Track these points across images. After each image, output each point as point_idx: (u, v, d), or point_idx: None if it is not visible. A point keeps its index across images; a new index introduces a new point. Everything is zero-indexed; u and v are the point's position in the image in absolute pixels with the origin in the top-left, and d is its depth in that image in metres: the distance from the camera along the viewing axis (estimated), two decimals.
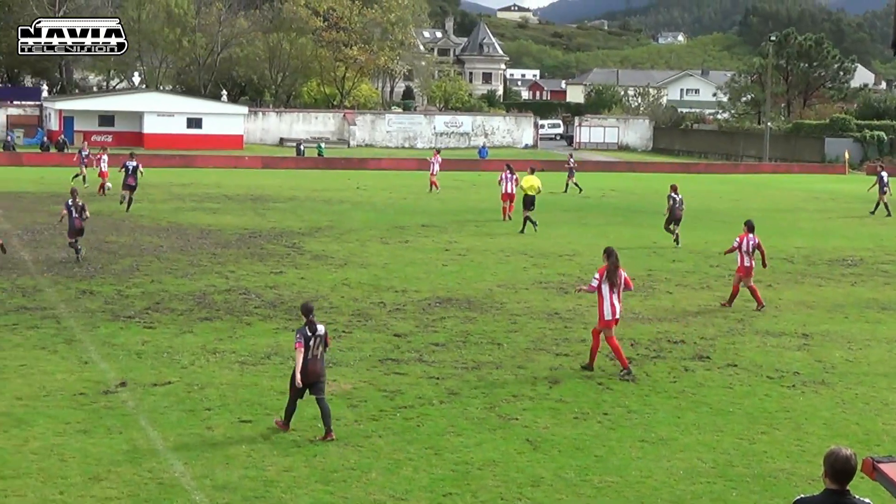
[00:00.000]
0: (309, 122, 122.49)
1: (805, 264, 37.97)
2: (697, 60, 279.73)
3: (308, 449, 16.48)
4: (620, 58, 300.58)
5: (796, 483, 15.49)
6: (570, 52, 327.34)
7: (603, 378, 21.24)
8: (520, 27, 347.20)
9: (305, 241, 40.15)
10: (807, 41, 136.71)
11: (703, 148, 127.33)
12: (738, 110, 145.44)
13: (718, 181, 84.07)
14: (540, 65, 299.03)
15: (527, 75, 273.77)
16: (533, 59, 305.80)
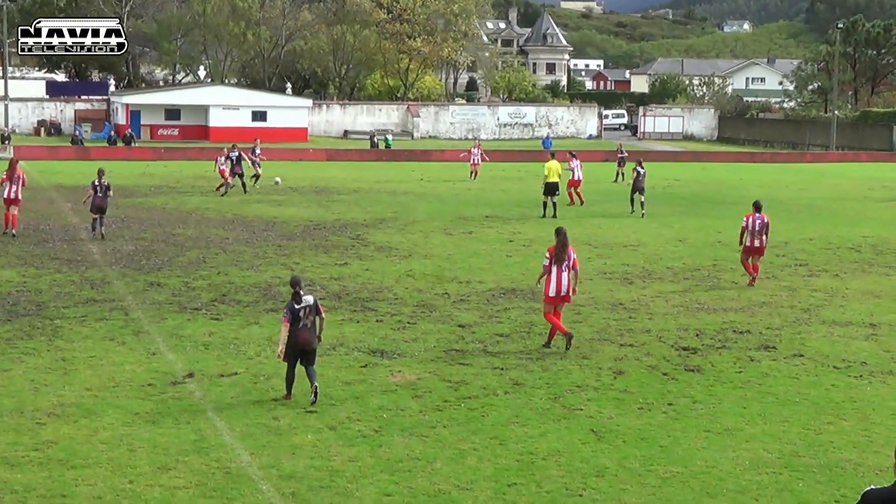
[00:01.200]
0: (373, 115, 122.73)
1: (872, 253, 37.68)
2: (763, 49, 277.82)
3: (373, 439, 16.55)
4: (685, 47, 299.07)
5: (863, 474, 15.39)
6: (634, 42, 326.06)
7: (668, 368, 21.19)
8: (583, 17, 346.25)
9: (369, 232, 40.27)
10: (875, 28, 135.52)
11: (768, 137, 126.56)
12: (804, 99, 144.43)
13: (784, 170, 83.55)
14: (604, 55, 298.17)
15: (591, 65, 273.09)
16: (597, 48, 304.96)
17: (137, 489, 14.32)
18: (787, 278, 32.15)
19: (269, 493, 14.28)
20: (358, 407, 18.10)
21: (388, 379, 19.93)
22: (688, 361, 21.76)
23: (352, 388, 19.22)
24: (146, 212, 44.42)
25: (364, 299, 27.36)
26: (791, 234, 41.95)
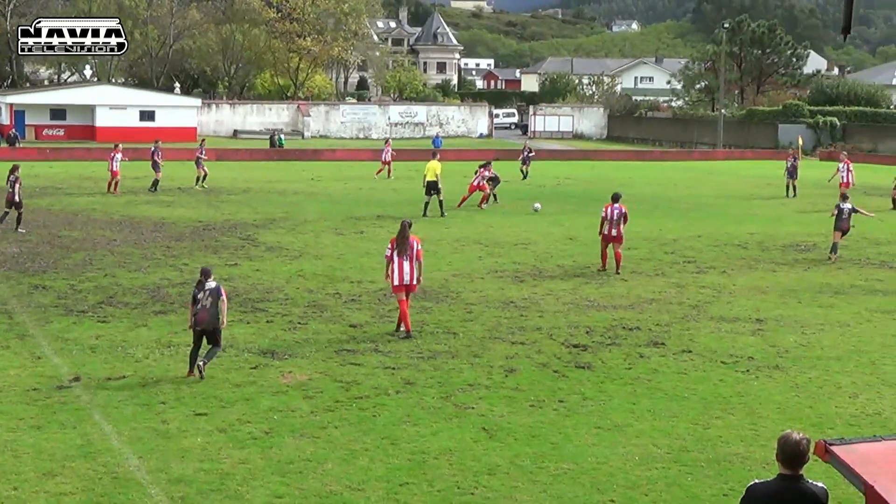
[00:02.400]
0: (263, 114, 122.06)
1: (759, 250, 38.15)
2: (651, 48, 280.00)
3: (264, 441, 16.45)
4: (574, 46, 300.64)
5: (751, 467, 15.56)
6: (525, 41, 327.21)
7: (559, 366, 21.29)
8: (474, 16, 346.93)
9: (259, 232, 40.04)
10: (760, 28, 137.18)
11: (657, 135, 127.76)
12: (691, 98, 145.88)
13: (673, 168, 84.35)
14: (494, 54, 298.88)
15: (481, 64, 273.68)
16: (487, 48, 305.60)
17: (23, 496, 14.11)
18: (675, 275, 32.46)
19: (157, 498, 14.13)
20: (248, 408, 17.99)
21: (279, 380, 19.84)
22: (578, 359, 21.89)
23: (242, 390, 19.10)
24: (31, 213, 43.71)
25: (254, 300, 27.21)
26: (679, 232, 42.37)
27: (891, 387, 20.34)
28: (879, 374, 21.29)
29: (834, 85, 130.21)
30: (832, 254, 36.46)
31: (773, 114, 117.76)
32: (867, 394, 19.82)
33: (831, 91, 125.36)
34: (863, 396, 19.63)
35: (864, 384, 20.51)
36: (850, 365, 22.02)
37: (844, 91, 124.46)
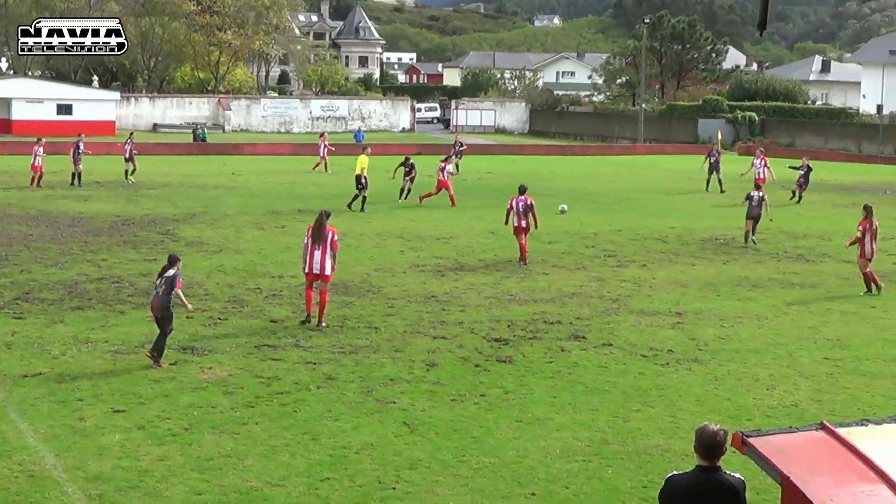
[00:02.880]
0: (183, 108, 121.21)
1: (678, 244, 38.42)
2: (573, 43, 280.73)
3: (183, 437, 16.35)
4: (496, 41, 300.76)
5: (670, 459, 15.67)
6: (447, 36, 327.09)
7: (480, 360, 21.33)
8: (396, 10, 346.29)
9: (179, 227, 39.79)
10: (680, 24, 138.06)
11: (578, 130, 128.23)
12: (612, 92, 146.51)
13: (594, 163, 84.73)
14: (416, 48, 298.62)
15: (403, 59, 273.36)
16: (409, 42, 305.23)
17: None
18: (596, 269, 32.62)
19: (75, 496, 14.01)
20: (167, 405, 17.88)
21: (199, 376, 19.74)
22: (499, 352, 21.95)
23: (161, 386, 18.97)
24: None
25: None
26: (600, 226, 42.57)
27: (807, 378, 20.57)
28: (796, 366, 21.51)
29: (752, 80, 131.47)
30: (746, 242, 37.91)
31: (692, 109, 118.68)
32: (784, 386, 20.03)
33: (750, 86, 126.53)
34: (780, 388, 19.84)
35: (781, 376, 20.73)
36: (768, 357, 22.25)
37: (763, 86, 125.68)
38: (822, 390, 19.81)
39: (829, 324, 25.64)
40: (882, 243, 37.97)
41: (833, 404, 18.87)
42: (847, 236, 35.45)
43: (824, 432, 9.28)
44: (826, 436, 9.24)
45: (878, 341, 23.96)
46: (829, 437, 9.20)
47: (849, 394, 19.63)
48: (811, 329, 25.02)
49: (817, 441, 9.20)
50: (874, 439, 9.21)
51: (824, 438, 9.22)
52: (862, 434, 9.27)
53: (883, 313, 26.97)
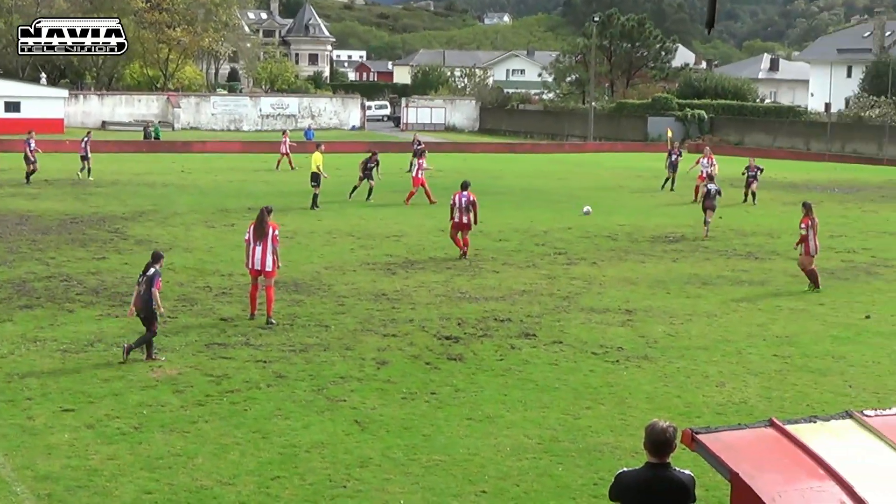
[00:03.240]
0: (132, 105, 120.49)
1: (628, 241, 38.55)
2: (523, 41, 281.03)
3: (133, 436, 16.29)
4: (446, 39, 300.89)
5: (620, 456, 15.73)
6: (397, 33, 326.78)
7: (431, 358, 21.34)
8: (346, 8, 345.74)
9: (128, 225, 39.60)
10: (629, 22, 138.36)
11: (529, 128, 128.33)
12: (562, 90, 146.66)
13: (544, 161, 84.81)
14: (366, 46, 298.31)
15: (353, 56, 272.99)
16: (359, 40, 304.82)
17: None
18: (546, 266, 32.70)
19: (23, 495, 13.94)
20: (117, 404, 17.81)
21: (149, 374, 19.67)
22: (450, 350, 21.98)
23: (110, 385, 18.89)
24: None
25: (123, 294, 26.86)
26: (550, 223, 42.65)
27: (756, 376, 20.69)
28: (745, 364, 21.64)
29: (701, 78, 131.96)
30: (705, 227, 40.06)
31: (642, 107, 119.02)
32: (733, 383, 20.14)
33: (699, 84, 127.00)
34: (729, 385, 19.95)
35: (730, 373, 20.84)
36: (717, 354, 22.36)
37: (712, 84, 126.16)
38: (771, 387, 19.94)
39: (777, 321, 25.80)
40: (830, 241, 38.38)
41: (782, 401, 19.00)
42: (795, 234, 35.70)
43: (773, 429, 9.35)
44: (775, 432, 9.30)
45: (827, 338, 24.13)
46: (778, 434, 9.26)
47: (797, 391, 19.76)
48: (760, 326, 25.16)
49: (766, 438, 9.26)
50: (822, 436, 9.28)
51: (773, 435, 9.28)
52: (810, 431, 9.34)
53: (831, 310, 27.15)
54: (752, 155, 63.18)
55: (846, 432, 9.44)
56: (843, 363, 21.91)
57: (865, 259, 35.64)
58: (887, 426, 9.46)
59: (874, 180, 70.51)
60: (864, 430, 9.44)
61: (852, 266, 34.20)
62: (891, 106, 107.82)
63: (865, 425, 9.47)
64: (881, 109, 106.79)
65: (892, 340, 24.04)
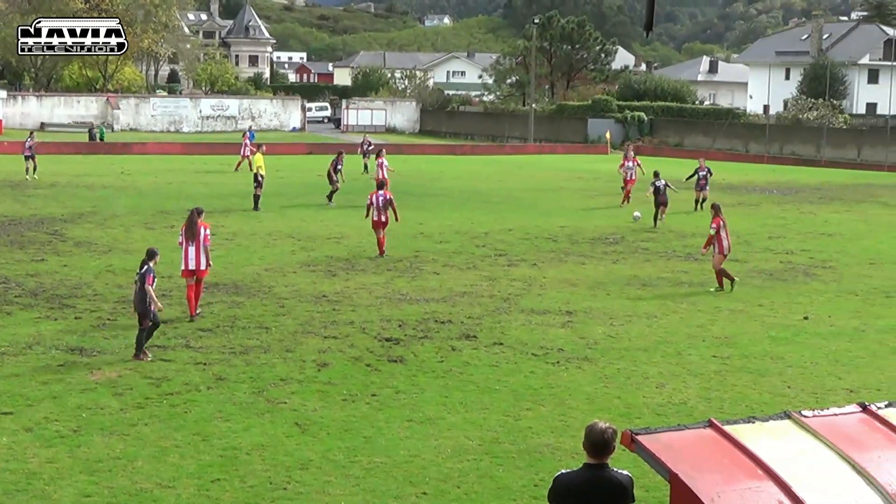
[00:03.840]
0: (71, 107, 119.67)
1: (568, 243, 38.66)
2: (463, 43, 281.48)
3: (72, 439, 16.19)
4: (387, 40, 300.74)
5: (560, 457, 15.77)
6: (337, 35, 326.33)
7: (372, 360, 21.33)
8: (286, 9, 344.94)
9: (68, 227, 39.34)
10: (569, 24, 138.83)
11: (469, 130, 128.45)
12: (503, 92, 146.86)
13: (484, 162, 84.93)
14: (307, 47, 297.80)
15: (294, 58, 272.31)
16: (300, 41, 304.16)
17: None
18: (487, 268, 32.74)
19: None
20: (56, 407, 17.69)
21: (88, 377, 19.55)
22: (391, 352, 21.97)
23: (49, 388, 18.76)
24: None
25: (62, 296, 26.73)
26: (491, 225, 42.72)
27: (696, 376, 20.81)
28: (685, 364, 21.76)
29: (641, 80, 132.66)
30: (655, 224, 42.60)
31: (582, 108, 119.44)
32: (673, 383, 20.25)
33: (639, 86, 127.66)
34: (669, 386, 20.05)
35: (670, 374, 20.95)
36: (657, 355, 22.47)
37: (651, 86, 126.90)
38: (711, 388, 20.06)
39: (717, 322, 25.95)
40: (769, 242, 38.72)
41: (721, 402, 19.11)
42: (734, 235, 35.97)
43: (712, 430, 9.41)
44: (714, 433, 9.36)
45: (765, 339, 24.30)
46: (717, 435, 9.32)
47: (737, 391, 19.88)
48: (700, 327, 25.31)
49: (705, 438, 9.32)
50: (761, 436, 9.35)
51: (712, 436, 9.34)
52: (749, 431, 9.41)
53: (770, 311, 27.34)
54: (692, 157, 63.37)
55: (785, 433, 9.51)
56: (781, 364, 22.07)
57: (804, 260, 35.90)
58: (825, 426, 9.54)
59: (812, 182, 71.08)
60: (802, 431, 9.52)
61: (791, 267, 34.44)
62: (828, 108, 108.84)
63: (804, 426, 9.55)
64: (819, 111, 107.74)
65: (829, 341, 24.24)
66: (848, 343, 24.12)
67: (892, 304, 28.77)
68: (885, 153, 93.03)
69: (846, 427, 9.62)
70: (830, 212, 51.72)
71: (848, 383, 20.69)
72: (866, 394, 19.24)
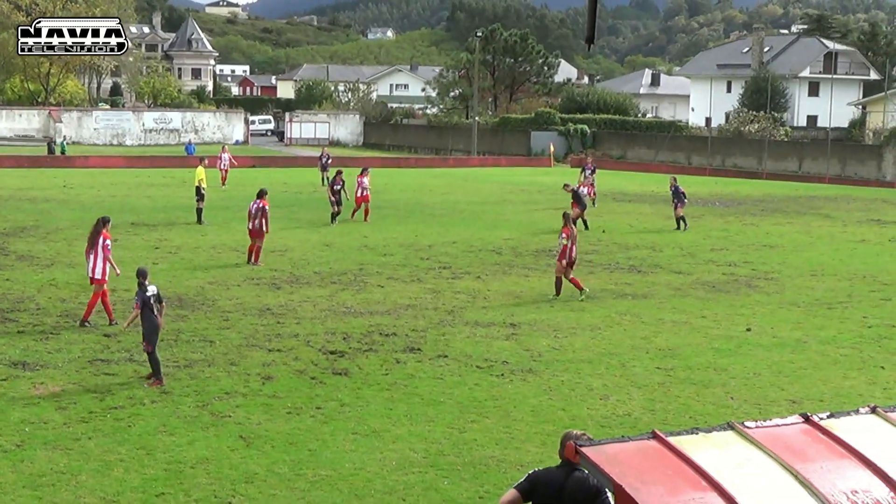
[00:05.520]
0: (13, 120, 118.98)
1: (512, 255, 38.75)
2: (406, 56, 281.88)
3: (15, 454, 16.09)
4: (330, 53, 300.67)
5: (506, 469, 15.82)
6: (280, 48, 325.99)
7: (316, 372, 21.32)
8: (229, 22, 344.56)
9: (10, 241, 39.06)
10: (512, 37, 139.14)
11: (413, 142, 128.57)
12: (446, 105, 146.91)
13: (428, 175, 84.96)
14: (250, 60, 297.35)
15: (237, 71, 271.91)
16: (243, 54, 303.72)
17: None
18: (431, 281, 32.77)
19: None
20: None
21: (31, 391, 19.43)
22: (335, 365, 21.97)
23: None
24: None
25: (4, 310, 26.54)
26: (434, 238, 42.76)
27: (640, 388, 20.92)
28: (629, 376, 21.86)
29: (584, 93, 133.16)
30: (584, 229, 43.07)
31: (525, 121, 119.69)
32: (617, 395, 20.35)
33: (582, 99, 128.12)
34: (613, 398, 20.14)
35: (614, 386, 21.06)
36: (601, 367, 22.58)
37: (594, 99, 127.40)
38: (655, 399, 20.17)
39: (660, 334, 26.09)
40: (711, 254, 38.98)
41: (665, 413, 19.23)
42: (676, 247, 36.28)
43: (656, 441, 9.47)
44: (658, 444, 9.43)
45: (709, 350, 24.46)
46: (661, 446, 9.39)
47: (680, 403, 20.01)
48: (643, 339, 25.44)
49: (649, 450, 9.38)
50: (704, 447, 9.42)
51: (656, 447, 9.40)
52: (693, 442, 9.48)
53: (713, 323, 27.52)
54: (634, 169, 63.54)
55: (728, 443, 9.59)
56: (724, 375, 22.22)
57: (746, 272, 36.15)
58: (768, 437, 9.63)
59: (754, 194, 71.54)
60: (745, 442, 9.60)
61: (733, 279, 34.66)
62: (770, 121, 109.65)
63: (747, 436, 9.63)
64: (760, 124, 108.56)
65: (772, 352, 24.43)
66: (790, 354, 24.32)
67: (833, 316, 29.02)
68: (826, 165, 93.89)
69: (789, 438, 9.72)
70: (772, 224, 52.08)
71: (790, 394, 20.86)
72: (809, 404, 19.41)
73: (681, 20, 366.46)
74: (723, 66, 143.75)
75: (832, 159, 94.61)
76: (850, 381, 22.18)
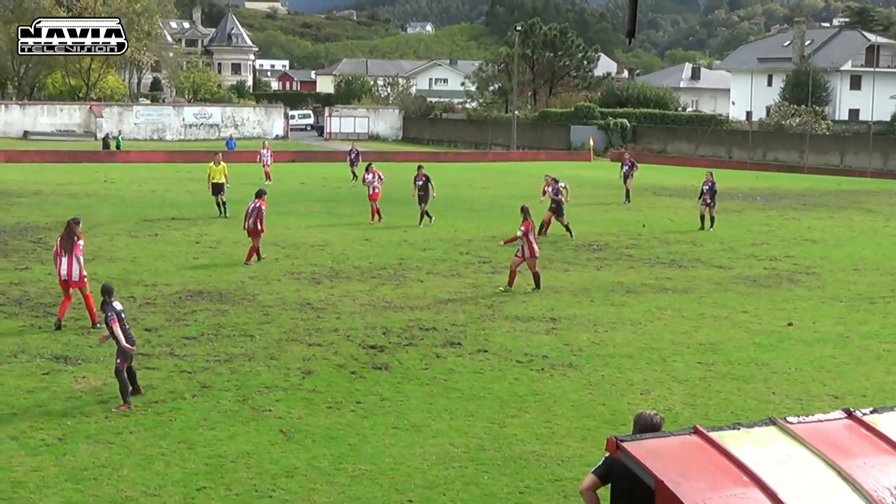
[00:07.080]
0: (54, 115, 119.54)
1: (552, 250, 38.65)
2: (445, 50, 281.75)
3: (57, 447, 16.17)
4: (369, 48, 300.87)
5: (546, 464, 15.78)
6: (320, 43, 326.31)
7: (356, 367, 21.33)
8: (268, 17, 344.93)
9: (51, 236, 39.14)
10: (552, 31, 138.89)
11: (452, 137, 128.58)
12: (485, 99, 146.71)
13: (467, 169, 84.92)
14: (289, 55, 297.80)
15: (276, 66, 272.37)
16: (282, 49, 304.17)
17: None
18: (471, 275, 32.75)
19: None
20: (41, 415, 17.67)
21: (73, 385, 19.52)
22: (375, 359, 21.97)
23: (34, 397, 18.73)
24: None
25: (47, 304, 26.68)
26: (474, 232, 42.72)
27: (680, 383, 20.84)
28: (670, 371, 21.78)
29: (624, 87, 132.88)
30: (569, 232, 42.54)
31: (565, 115, 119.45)
32: (658, 390, 20.27)
33: (621, 93, 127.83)
34: (654, 393, 20.08)
35: (654, 381, 20.98)
36: (642, 362, 22.50)
37: (634, 93, 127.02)
38: (696, 395, 20.09)
39: (701, 328, 25.98)
40: (753, 249, 38.80)
41: (706, 408, 19.15)
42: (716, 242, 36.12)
43: (697, 436, 9.42)
44: (699, 440, 9.38)
45: (750, 345, 24.34)
46: (702, 441, 9.34)
47: (721, 398, 19.92)
48: (684, 334, 25.34)
49: (690, 445, 9.33)
50: (746, 443, 9.36)
51: (697, 442, 9.35)
52: (734, 438, 9.43)
53: (754, 318, 27.39)
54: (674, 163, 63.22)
55: (770, 439, 9.53)
56: (766, 370, 22.12)
57: (787, 267, 35.98)
58: (810, 433, 9.56)
59: (795, 188, 71.25)
60: (787, 437, 9.53)
61: (775, 274, 34.50)
62: (811, 114, 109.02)
63: (789, 432, 9.57)
64: (801, 118, 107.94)
65: (814, 347, 24.30)
66: (832, 349, 24.18)
67: (875, 311, 28.84)
68: (868, 159, 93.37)
69: (831, 433, 9.65)
70: (814, 218, 51.84)
71: (832, 389, 20.74)
72: (851, 400, 19.31)
73: (721, 14, 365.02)
74: (763, 60, 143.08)
75: (874, 153, 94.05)
76: (893, 376, 22.04)
